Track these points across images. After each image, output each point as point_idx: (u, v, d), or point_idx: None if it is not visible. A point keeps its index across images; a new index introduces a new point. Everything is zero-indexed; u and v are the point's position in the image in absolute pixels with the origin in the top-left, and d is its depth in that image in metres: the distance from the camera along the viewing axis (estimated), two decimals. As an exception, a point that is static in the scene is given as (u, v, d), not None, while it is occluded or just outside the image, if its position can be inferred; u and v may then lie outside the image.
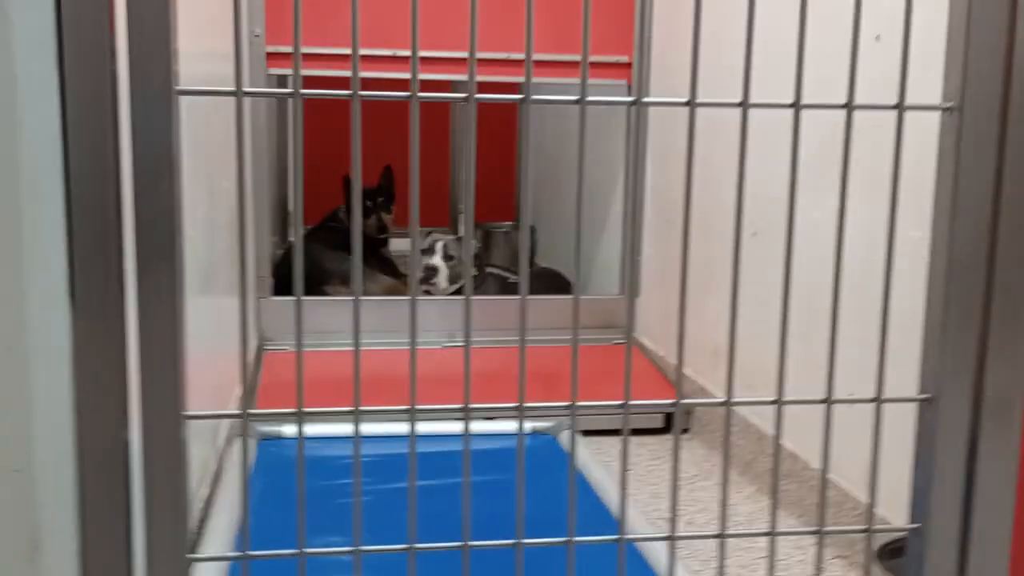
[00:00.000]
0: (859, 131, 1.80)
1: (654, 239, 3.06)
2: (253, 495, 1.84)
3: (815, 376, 1.85)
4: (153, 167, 0.70)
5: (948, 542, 0.87)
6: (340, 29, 2.96)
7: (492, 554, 1.60)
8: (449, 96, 0.75)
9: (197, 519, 1.71)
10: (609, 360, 2.95)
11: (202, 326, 1.80)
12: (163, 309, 0.72)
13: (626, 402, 0.80)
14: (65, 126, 0.69)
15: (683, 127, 0.81)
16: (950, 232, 0.84)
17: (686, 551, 1.87)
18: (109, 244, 0.70)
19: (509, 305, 3.14)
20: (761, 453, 2.28)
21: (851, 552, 1.85)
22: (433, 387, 2.73)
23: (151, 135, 0.69)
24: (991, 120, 0.81)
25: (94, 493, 0.74)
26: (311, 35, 2.80)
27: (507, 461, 2.10)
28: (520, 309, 0.78)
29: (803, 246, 2.05)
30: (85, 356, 0.72)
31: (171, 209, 0.70)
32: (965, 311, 0.85)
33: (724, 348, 2.42)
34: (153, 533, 0.75)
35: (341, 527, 1.59)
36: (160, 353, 0.73)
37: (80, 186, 0.69)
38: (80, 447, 0.73)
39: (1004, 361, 0.86)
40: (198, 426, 1.79)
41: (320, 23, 2.79)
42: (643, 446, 2.53)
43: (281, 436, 2.14)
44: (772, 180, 2.25)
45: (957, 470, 0.87)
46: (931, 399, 0.86)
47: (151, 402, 0.74)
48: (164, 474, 0.75)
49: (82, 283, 0.71)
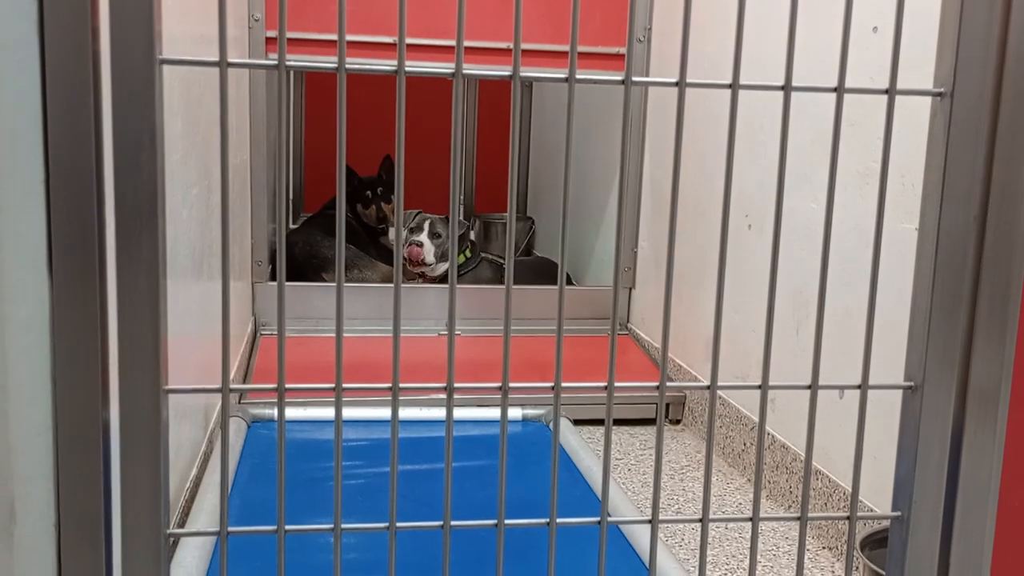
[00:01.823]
0: (853, 124, 1.79)
1: (650, 232, 3.05)
2: (241, 476, 1.84)
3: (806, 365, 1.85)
4: (135, 138, 0.69)
5: (930, 531, 0.87)
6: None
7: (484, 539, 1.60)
8: (438, 70, 0.75)
9: (185, 499, 1.70)
10: (604, 351, 2.95)
11: (194, 309, 1.79)
12: (144, 281, 0.72)
13: (610, 383, 0.79)
14: (45, 95, 0.68)
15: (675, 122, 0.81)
16: (938, 219, 0.83)
17: (674, 539, 1.87)
18: (88, 215, 0.69)
19: (503, 294, 3.14)
20: (751, 444, 2.28)
21: (838, 543, 1.85)
22: (426, 374, 2.74)
23: (133, 105, 0.69)
24: (982, 107, 0.81)
25: (71, 465, 0.73)
26: (312, 23, 2.79)
27: (497, 447, 2.10)
28: (506, 293, 0.78)
29: (798, 239, 2.05)
30: (63, 328, 0.72)
31: (153, 180, 0.70)
32: (952, 299, 0.84)
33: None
34: (131, 506, 0.75)
35: (331, 509, 1.59)
36: (140, 326, 0.73)
37: (59, 156, 0.68)
38: (57, 419, 0.73)
39: (990, 350, 0.85)
40: (189, 408, 1.79)
41: (323, 8, 2.78)
42: (634, 436, 2.52)
43: (272, 419, 2.13)
44: (768, 174, 2.25)
45: (941, 459, 0.86)
46: (915, 387, 0.86)
47: (131, 375, 0.73)
48: (143, 448, 0.74)
49: (60, 254, 0.70)
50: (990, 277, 0.84)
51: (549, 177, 4.42)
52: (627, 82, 0.77)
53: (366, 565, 1.49)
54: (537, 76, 0.77)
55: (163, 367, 0.74)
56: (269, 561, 1.48)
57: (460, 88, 0.73)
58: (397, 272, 0.78)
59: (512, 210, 0.75)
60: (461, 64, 0.71)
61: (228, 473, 0.81)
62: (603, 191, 3.50)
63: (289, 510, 1.62)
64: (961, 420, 0.86)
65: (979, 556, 0.88)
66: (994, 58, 0.81)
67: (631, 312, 3.17)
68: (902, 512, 0.87)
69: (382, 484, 1.82)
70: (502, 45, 2.96)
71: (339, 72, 0.71)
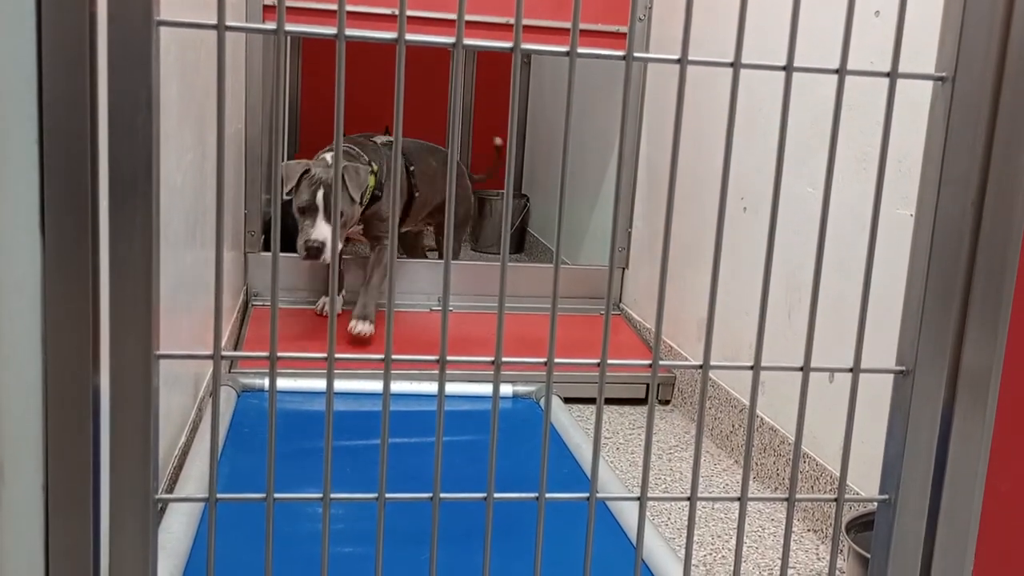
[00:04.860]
0: (851, 109, 1.79)
1: (645, 212, 3.05)
2: (230, 445, 1.84)
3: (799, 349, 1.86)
4: (130, 100, 0.69)
5: (917, 514, 0.88)
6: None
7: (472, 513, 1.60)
8: (438, 40, 0.74)
9: (174, 466, 1.71)
10: (597, 331, 2.95)
11: (185, 277, 1.78)
12: (137, 244, 0.71)
13: (603, 358, 0.79)
14: (40, 54, 0.68)
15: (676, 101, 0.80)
16: (935, 204, 0.83)
17: (660, 519, 1.88)
18: (82, 176, 0.69)
19: (498, 270, 3.13)
20: (740, 427, 2.28)
21: (823, 526, 1.86)
22: (418, 348, 2.73)
23: (129, 66, 0.68)
24: (984, 92, 0.80)
25: (60, 429, 0.73)
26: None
27: (487, 424, 2.11)
28: (501, 267, 0.77)
29: (793, 223, 2.05)
30: (55, 290, 0.71)
31: (148, 143, 0.69)
32: (946, 284, 0.84)
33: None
34: (119, 471, 0.75)
35: (320, 480, 1.59)
36: (133, 289, 0.72)
37: (54, 116, 0.68)
38: (47, 381, 0.72)
39: (983, 337, 0.85)
40: (179, 376, 1.79)
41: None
42: (623, 416, 2.53)
43: (262, 389, 2.13)
44: (765, 157, 2.24)
45: (929, 443, 0.87)
46: (907, 371, 0.86)
47: (122, 340, 0.73)
48: (133, 412, 0.74)
49: (53, 215, 0.70)
50: (985, 263, 0.84)
51: (544, 155, 4.41)
52: (628, 57, 0.77)
53: (353, 536, 1.49)
54: (538, 49, 0.77)
55: (155, 332, 0.73)
56: (256, 530, 1.49)
57: (460, 59, 0.72)
58: (392, 245, 0.78)
59: (509, 187, 0.75)
60: (462, 35, 0.71)
61: (218, 439, 0.81)
62: (598, 170, 3.50)
63: (277, 480, 1.62)
64: (951, 405, 0.86)
65: (964, 540, 0.88)
66: (997, 44, 0.80)
67: (623, 292, 3.17)
68: (889, 495, 0.88)
69: (372, 456, 1.83)
70: (503, 20, 2.95)
71: (338, 40, 0.70)
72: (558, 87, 4.26)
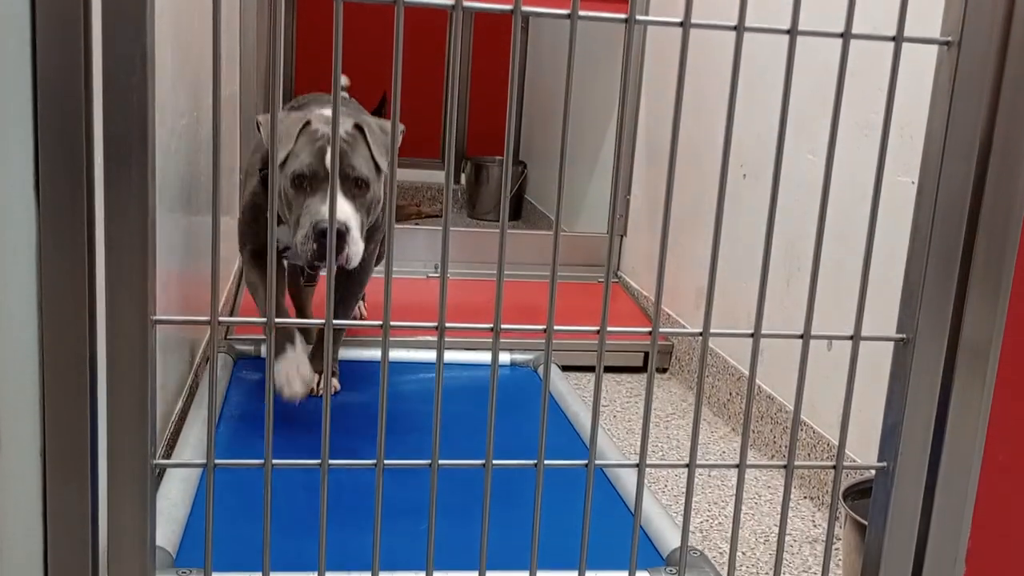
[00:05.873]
0: (853, 75, 1.77)
1: (644, 179, 3.03)
2: (227, 412, 1.84)
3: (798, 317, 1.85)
4: (125, 60, 0.68)
5: (915, 482, 0.88)
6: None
7: (471, 481, 1.60)
8: (437, 1, 0.73)
9: (171, 432, 1.71)
10: (594, 299, 2.95)
11: (180, 243, 1.77)
12: (133, 208, 0.70)
13: (603, 325, 0.79)
14: (34, 17, 0.66)
15: (678, 65, 0.79)
16: (939, 172, 0.82)
17: (657, 486, 1.89)
18: (77, 138, 0.68)
19: (494, 238, 3.12)
20: (738, 394, 2.29)
21: (820, 494, 1.87)
22: (416, 315, 2.71)
23: (124, 26, 0.67)
24: (988, 57, 0.79)
25: (57, 394, 0.73)
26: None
27: (485, 392, 2.11)
28: (500, 233, 0.77)
29: (793, 191, 2.04)
30: (50, 254, 0.70)
31: (143, 104, 0.68)
32: (948, 253, 0.84)
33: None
34: (117, 436, 0.74)
35: (316, 448, 1.60)
36: (129, 254, 0.72)
37: (48, 77, 0.67)
38: (43, 346, 0.72)
39: (984, 306, 0.85)
40: (175, 342, 1.78)
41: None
42: (621, 384, 2.54)
43: (258, 356, 2.13)
44: (766, 124, 2.23)
45: (928, 412, 0.87)
46: (907, 340, 0.86)
47: (118, 304, 0.72)
48: (130, 377, 0.74)
49: (48, 177, 0.69)
50: (987, 232, 0.83)
51: (542, 121, 4.38)
52: (630, 20, 0.75)
53: (351, 504, 1.50)
54: (538, 11, 0.75)
55: (151, 297, 0.73)
56: (253, 497, 1.49)
57: (459, 21, 0.71)
58: (390, 213, 0.77)
59: (508, 153, 0.74)
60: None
61: (216, 405, 0.80)
62: (596, 137, 3.47)
63: (273, 447, 1.62)
64: (951, 374, 0.86)
65: (961, 509, 0.88)
66: (1003, 7, 0.79)
67: (622, 260, 3.16)
68: (888, 463, 0.88)
69: (369, 425, 1.83)
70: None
71: (336, 1, 0.69)
72: (556, 53, 4.23)
